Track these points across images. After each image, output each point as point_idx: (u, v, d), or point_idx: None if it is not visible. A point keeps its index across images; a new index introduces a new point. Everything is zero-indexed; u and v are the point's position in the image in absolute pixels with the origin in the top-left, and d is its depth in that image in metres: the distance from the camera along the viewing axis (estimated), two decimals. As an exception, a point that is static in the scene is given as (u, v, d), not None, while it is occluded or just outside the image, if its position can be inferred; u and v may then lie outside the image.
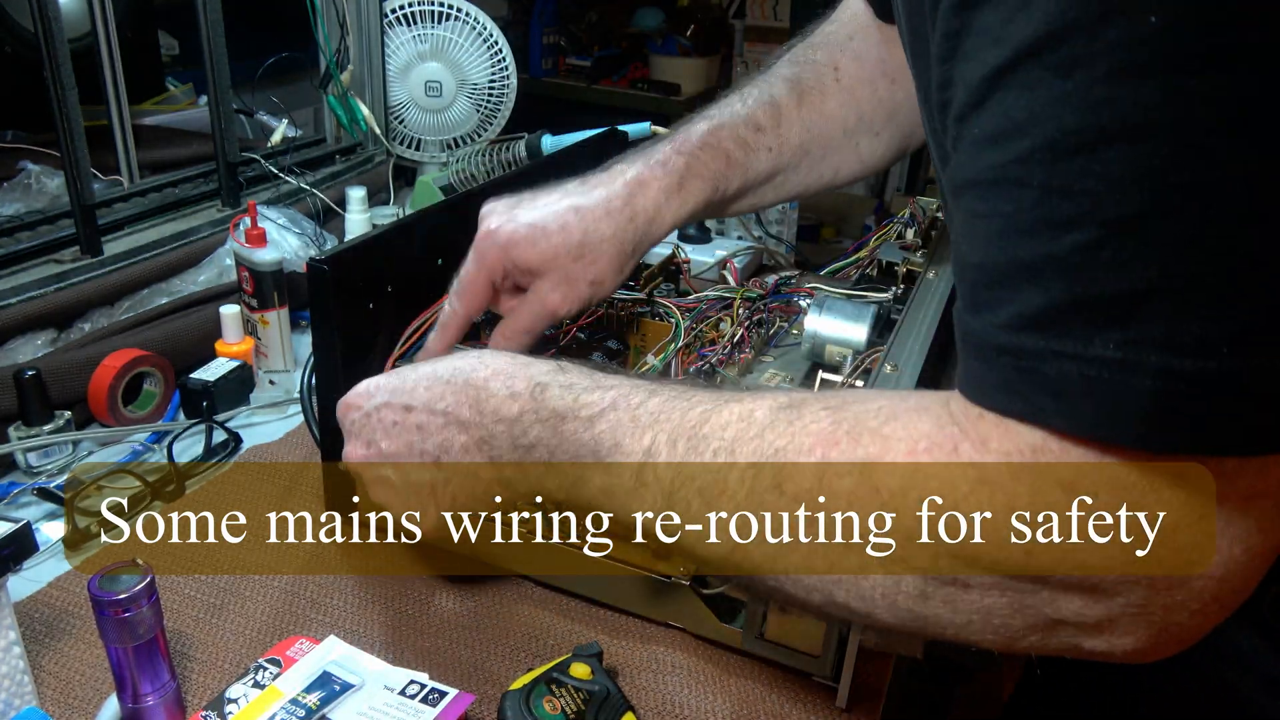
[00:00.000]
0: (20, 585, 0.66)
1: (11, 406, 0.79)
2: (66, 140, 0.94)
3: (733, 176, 0.72)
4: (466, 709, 0.54)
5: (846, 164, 0.79)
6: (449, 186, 1.30)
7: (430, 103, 1.41)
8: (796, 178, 0.77)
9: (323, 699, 0.54)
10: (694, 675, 0.62)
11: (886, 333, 0.68)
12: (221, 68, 1.14)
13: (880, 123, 0.79)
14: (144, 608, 0.52)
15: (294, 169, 1.27)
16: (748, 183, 0.74)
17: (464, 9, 1.36)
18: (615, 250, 0.66)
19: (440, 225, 0.75)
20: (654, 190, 0.68)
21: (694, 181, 0.70)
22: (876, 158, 0.80)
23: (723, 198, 0.72)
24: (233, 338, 0.93)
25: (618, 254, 0.67)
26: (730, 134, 0.72)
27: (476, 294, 0.67)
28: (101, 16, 1.11)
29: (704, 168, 0.70)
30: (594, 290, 0.67)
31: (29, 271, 0.95)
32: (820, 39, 0.81)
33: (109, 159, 1.18)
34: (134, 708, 0.54)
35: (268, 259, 0.93)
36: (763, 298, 0.84)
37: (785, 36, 3.18)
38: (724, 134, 0.72)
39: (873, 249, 0.89)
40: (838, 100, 0.77)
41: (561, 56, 3.07)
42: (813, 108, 0.76)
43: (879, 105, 0.78)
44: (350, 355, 0.68)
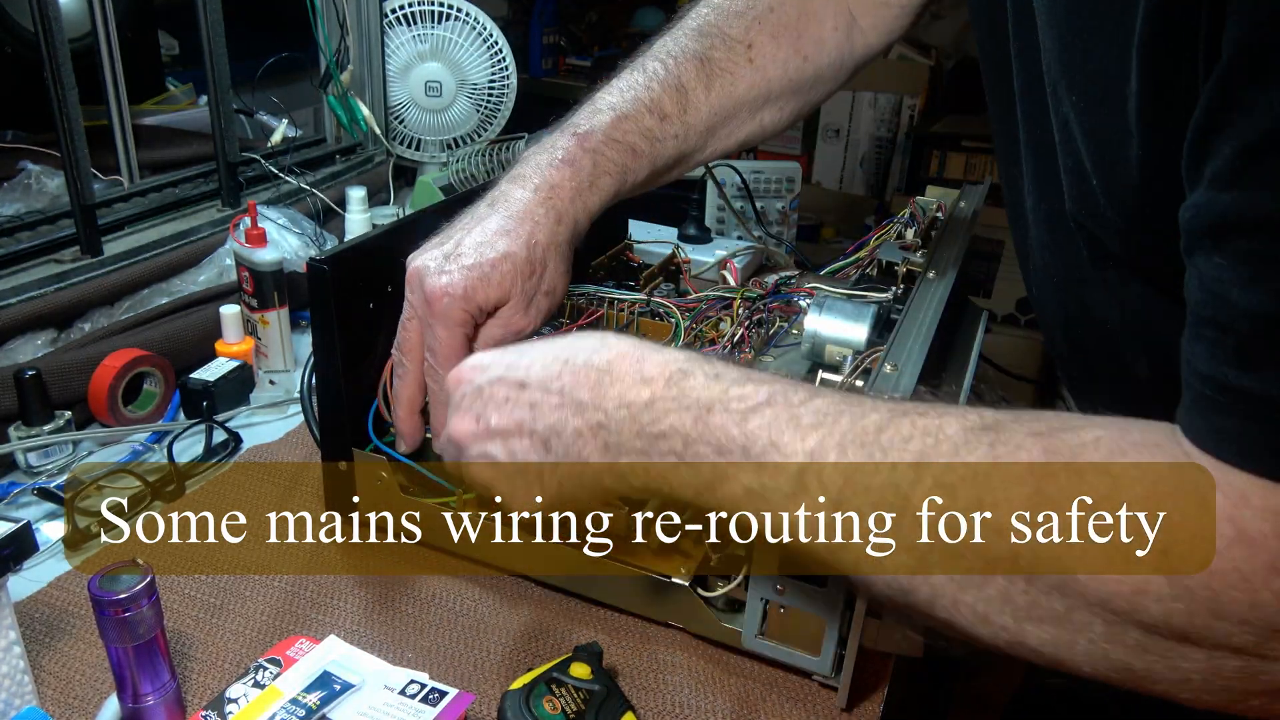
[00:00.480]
0: (20, 585, 0.66)
1: (11, 406, 0.79)
2: (66, 140, 0.94)
3: (640, 168, 0.71)
4: (466, 709, 0.54)
5: (745, 132, 0.78)
6: (449, 186, 1.30)
7: (430, 103, 1.41)
8: (700, 156, 0.77)
9: (323, 699, 0.54)
10: (694, 675, 0.62)
11: (886, 333, 0.68)
12: (221, 68, 1.14)
13: (786, 96, 0.78)
14: (144, 608, 0.52)
15: (294, 169, 1.27)
16: (655, 171, 0.73)
17: (464, 9, 1.36)
18: (556, 255, 0.66)
19: (440, 225, 0.75)
20: (567, 192, 0.67)
21: (603, 178, 0.69)
22: (777, 125, 0.80)
23: (631, 186, 0.72)
24: (233, 338, 0.93)
25: (560, 258, 0.66)
26: (635, 126, 0.71)
27: (456, 356, 0.63)
28: (101, 16, 1.11)
29: (610, 164, 0.69)
30: (550, 300, 0.66)
31: (29, 271, 0.95)
32: (738, 4, 0.78)
33: (109, 159, 1.18)
34: (134, 708, 0.54)
35: (268, 259, 0.93)
36: (763, 298, 0.84)
37: (785, 36, 3.17)
38: (628, 126, 0.71)
39: (873, 249, 0.89)
40: (748, 82, 0.76)
41: (561, 56, 3.07)
42: (722, 91, 0.75)
43: (788, 82, 0.77)
44: (350, 355, 0.68)
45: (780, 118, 0.79)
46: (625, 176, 0.70)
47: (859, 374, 0.68)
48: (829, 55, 0.78)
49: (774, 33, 0.77)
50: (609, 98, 0.72)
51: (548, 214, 0.66)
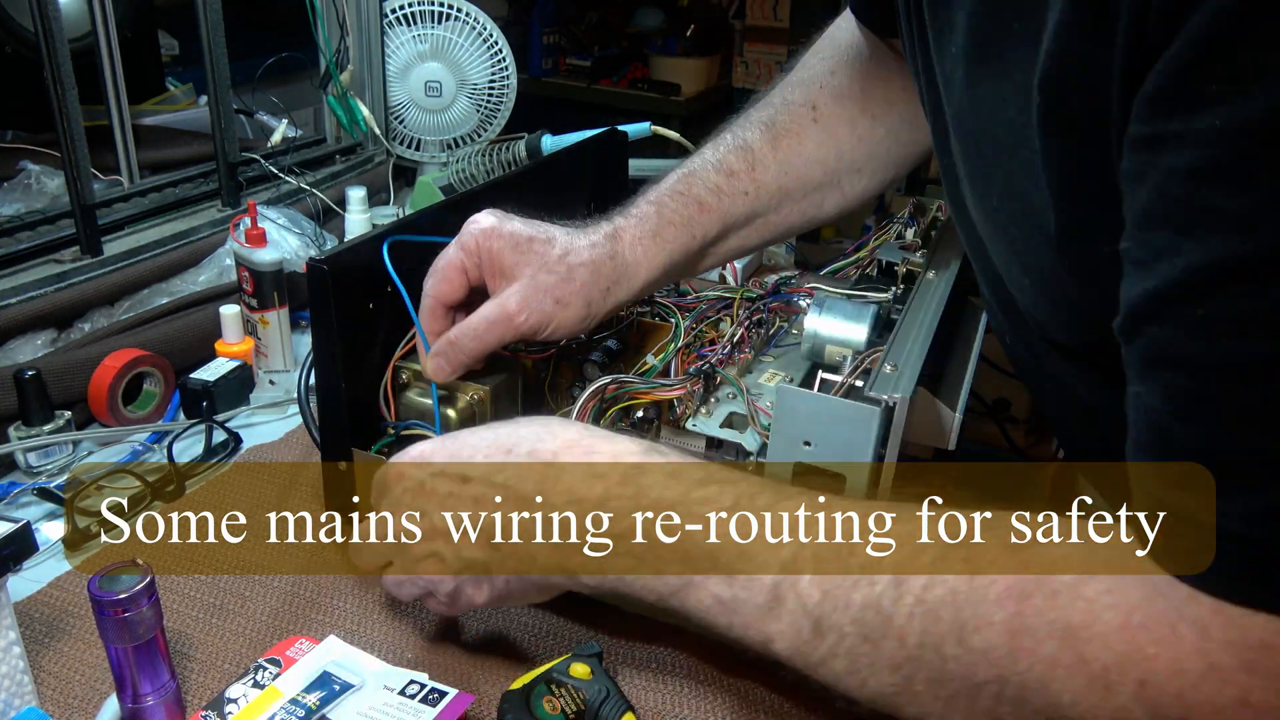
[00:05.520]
0: (20, 585, 0.66)
1: (11, 406, 0.79)
2: (66, 140, 0.94)
3: (709, 222, 0.71)
4: (466, 709, 0.54)
5: (831, 200, 0.78)
6: (449, 186, 1.30)
7: (430, 103, 1.41)
8: (778, 218, 0.76)
9: (323, 699, 0.54)
10: (694, 675, 0.62)
11: (886, 333, 0.68)
12: (221, 68, 1.14)
13: (862, 160, 0.78)
14: (144, 608, 0.52)
15: (294, 169, 1.27)
16: (727, 227, 0.73)
17: (464, 9, 1.36)
18: (589, 278, 0.64)
19: (440, 225, 0.75)
20: (629, 238, 0.67)
21: (668, 229, 0.69)
22: (863, 193, 0.79)
23: (703, 244, 0.71)
24: (233, 338, 0.93)
25: (591, 284, 0.64)
26: (702, 181, 0.72)
27: (448, 275, 0.64)
28: (101, 16, 1.11)
29: (675, 215, 0.69)
30: (557, 310, 0.63)
31: (29, 271, 0.95)
32: (798, 76, 0.80)
33: (109, 159, 1.18)
34: (134, 708, 0.54)
35: (268, 259, 0.93)
36: (763, 298, 0.84)
37: (785, 36, 3.19)
38: (695, 181, 0.71)
39: (873, 249, 0.89)
40: (815, 140, 0.76)
41: (561, 56, 3.07)
42: (789, 149, 0.75)
43: (859, 143, 0.77)
44: (350, 355, 0.68)
45: (863, 183, 0.78)
46: (693, 230, 0.70)
47: (859, 374, 0.68)
48: (900, 114, 0.77)
49: (836, 93, 0.77)
50: (679, 166, 0.73)
51: (606, 246, 0.66)
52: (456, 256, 0.64)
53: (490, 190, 0.83)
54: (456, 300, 0.65)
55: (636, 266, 0.67)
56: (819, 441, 0.57)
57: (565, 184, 0.92)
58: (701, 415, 0.70)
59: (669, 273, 0.70)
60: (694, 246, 0.71)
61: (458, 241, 0.65)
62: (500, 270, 0.63)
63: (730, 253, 0.76)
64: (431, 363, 0.65)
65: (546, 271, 0.63)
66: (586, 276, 0.64)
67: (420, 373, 0.69)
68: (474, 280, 0.65)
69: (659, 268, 0.68)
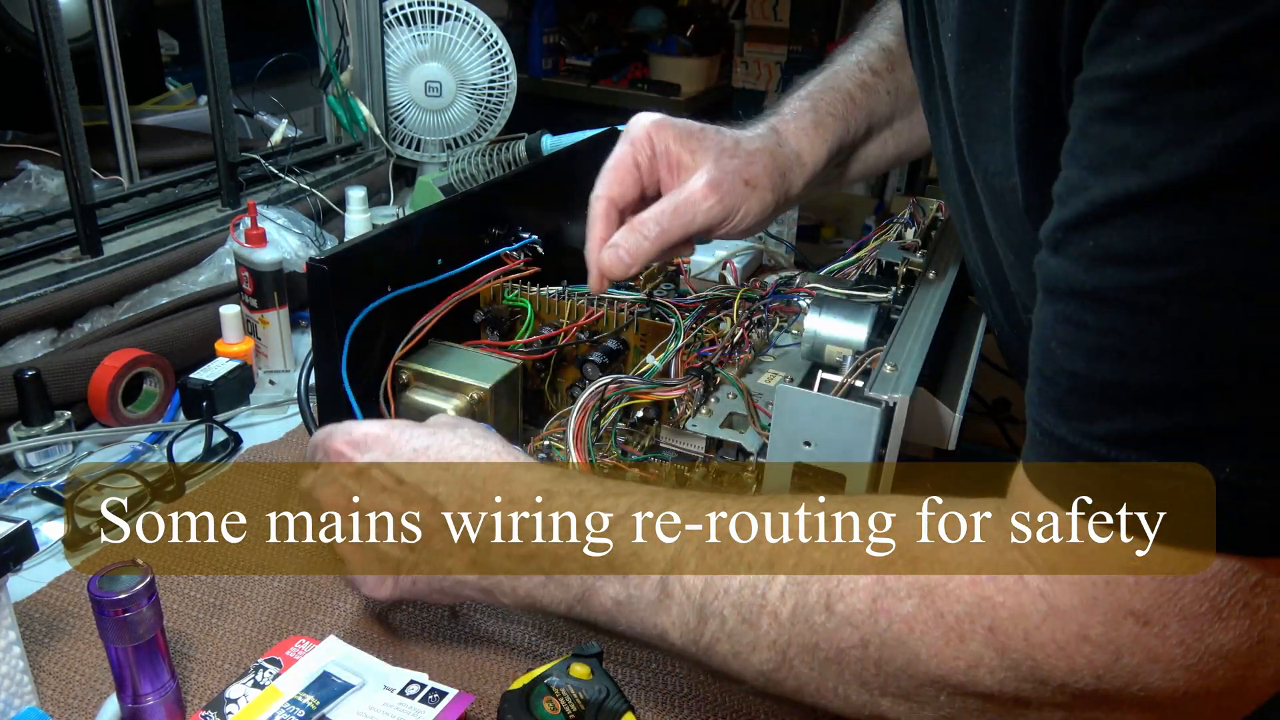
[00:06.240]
0: (20, 585, 0.66)
1: (11, 406, 0.79)
2: (66, 140, 0.94)
3: (860, 117, 0.70)
4: (466, 709, 0.54)
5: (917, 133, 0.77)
6: (449, 186, 1.30)
7: (430, 103, 1.41)
8: (908, 128, 0.74)
9: (322, 699, 0.54)
10: (694, 675, 0.62)
11: (886, 333, 0.68)
12: (221, 68, 1.14)
13: None
14: (144, 608, 0.52)
15: (294, 169, 1.27)
16: (872, 125, 0.71)
17: (464, 9, 1.36)
18: (769, 163, 0.63)
19: (440, 225, 0.75)
20: (791, 129, 0.66)
21: (827, 119, 0.68)
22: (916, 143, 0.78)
23: (854, 139, 0.70)
24: (233, 338, 0.93)
25: (773, 169, 0.63)
26: (848, 76, 0.70)
27: (621, 174, 0.62)
28: (101, 16, 1.11)
29: (831, 107, 0.68)
30: (748, 193, 0.62)
31: (29, 271, 0.95)
32: None
33: (109, 159, 1.18)
34: (134, 708, 0.54)
35: (268, 259, 0.93)
36: (762, 298, 0.84)
37: (785, 36, 3.18)
38: (842, 76, 0.70)
39: (873, 249, 0.89)
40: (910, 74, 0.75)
41: (561, 56, 3.07)
42: (906, 72, 0.73)
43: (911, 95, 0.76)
44: (350, 355, 0.68)
45: None
46: (847, 123, 0.69)
47: (859, 374, 0.68)
48: None
49: None
50: (820, 71, 0.72)
51: (772, 136, 0.65)
52: (628, 153, 0.62)
53: (490, 190, 0.83)
54: (630, 200, 0.63)
55: (803, 155, 0.67)
56: (819, 441, 0.57)
57: (565, 184, 0.92)
58: (701, 415, 0.70)
59: (828, 165, 0.70)
60: (848, 141, 0.70)
61: (626, 138, 0.62)
62: (676, 162, 0.62)
63: (870, 161, 0.74)
64: (608, 254, 0.62)
65: (729, 156, 0.62)
66: (767, 160, 0.64)
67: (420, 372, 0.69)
68: (646, 176, 0.63)
69: (823, 158, 0.68)
